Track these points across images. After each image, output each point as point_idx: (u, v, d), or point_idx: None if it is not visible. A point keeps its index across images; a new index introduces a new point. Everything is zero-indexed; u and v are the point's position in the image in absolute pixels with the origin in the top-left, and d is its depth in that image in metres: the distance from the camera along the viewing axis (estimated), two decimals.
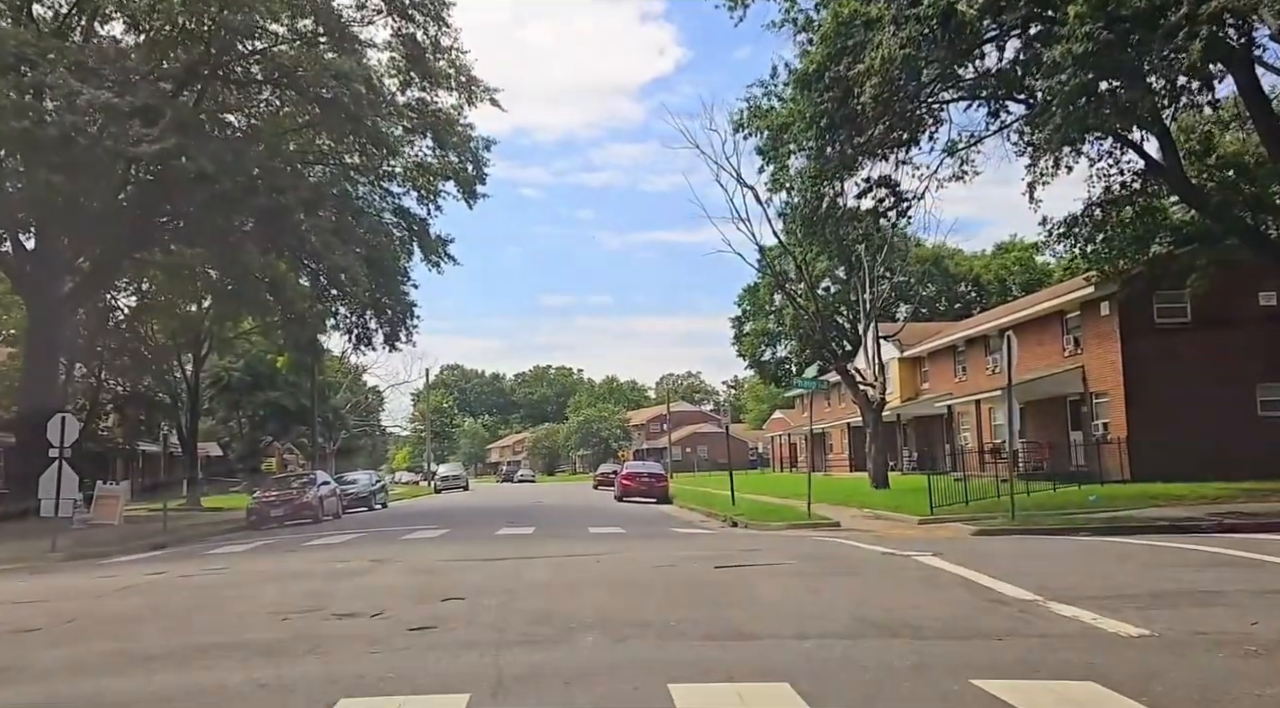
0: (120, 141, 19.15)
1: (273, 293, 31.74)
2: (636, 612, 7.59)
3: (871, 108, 16.63)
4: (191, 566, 13.32)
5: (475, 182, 32.06)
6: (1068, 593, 7.89)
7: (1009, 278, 78.67)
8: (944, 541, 15.98)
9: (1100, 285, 28.10)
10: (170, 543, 22.75)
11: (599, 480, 53.75)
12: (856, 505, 24.69)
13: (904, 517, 20.96)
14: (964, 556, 10.86)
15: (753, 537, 17.23)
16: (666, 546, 14.47)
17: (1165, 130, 22.76)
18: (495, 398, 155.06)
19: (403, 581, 10.47)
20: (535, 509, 30.78)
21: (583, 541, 15.84)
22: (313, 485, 29.35)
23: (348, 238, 26.10)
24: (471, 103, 29.76)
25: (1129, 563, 10.58)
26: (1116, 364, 28.91)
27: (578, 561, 11.89)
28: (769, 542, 14.99)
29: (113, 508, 27.92)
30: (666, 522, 23.79)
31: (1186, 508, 19.52)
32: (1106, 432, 29.39)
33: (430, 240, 32.41)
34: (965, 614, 7.35)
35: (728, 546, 14.06)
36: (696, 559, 11.32)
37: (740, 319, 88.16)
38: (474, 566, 11.73)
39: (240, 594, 9.89)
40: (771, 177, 22.47)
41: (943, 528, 18.72)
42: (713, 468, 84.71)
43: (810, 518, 20.79)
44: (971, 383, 38.50)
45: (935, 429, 43.38)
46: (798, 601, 8.10)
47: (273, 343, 41.76)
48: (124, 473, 48.34)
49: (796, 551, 12.41)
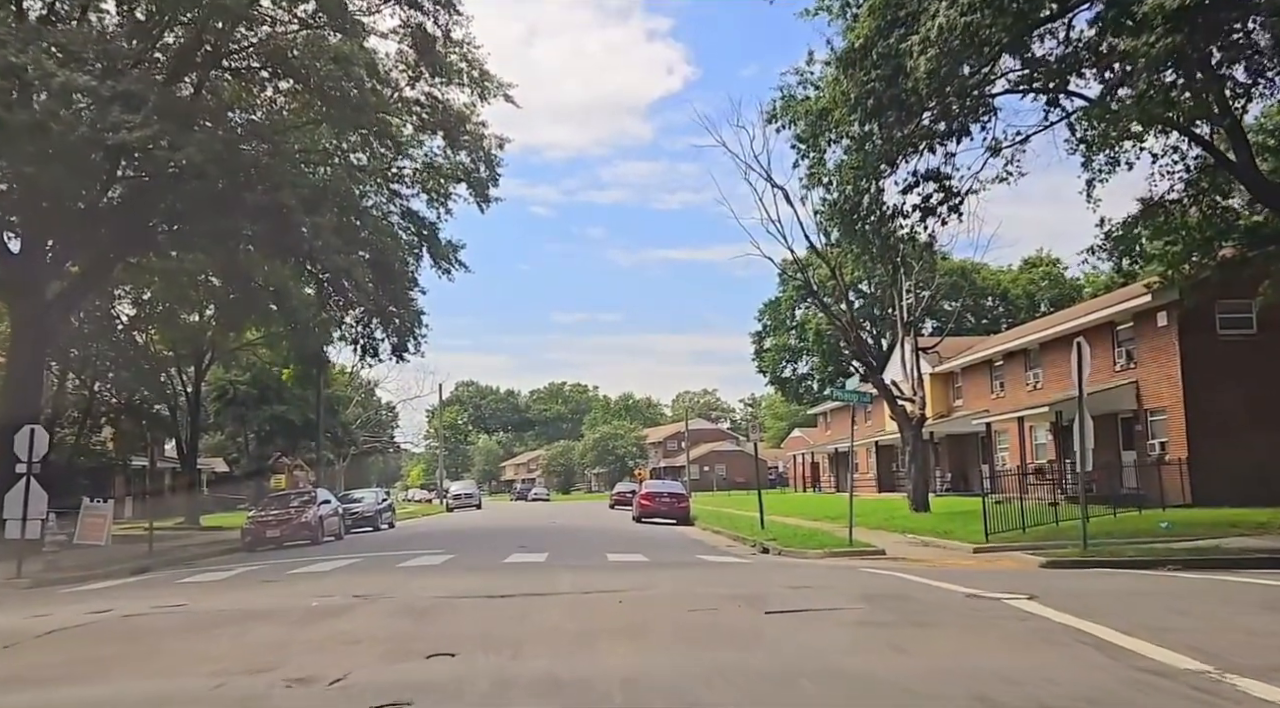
0: (99, 128, 17.50)
1: (277, 302, 30.16)
2: (674, 683, 5.72)
3: (926, 85, 14.80)
4: (147, 601, 11.51)
5: (488, 184, 30.39)
6: (1246, 662, 5.97)
7: (1037, 293, 76.53)
8: (1011, 574, 14.03)
9: (1158, 294, 26.08)
10: (154, 566, 21.05)
11: (616, 500, 51.78)
12: (898, 530, 22.71)
13: (955, 544, 18.99)
14: (1062, 598, 8.93)
15: (792, 568, 15.30)
16: (698, 579, 12.57)
17: (1237, 123, 20.82)
18: (510, 414, 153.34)
19: (385, 626, 8.63)
20: (549, 531, 28.90)
21: (601, 571, 13.96)
22: (313, 504, 27.58)
23: (351, 239, 24.39)
24: (484, 98, 28.09)
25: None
26: (1175, 379, 26.85)
27: (596, 600, 10.03)
28: (814, 575, 13.06)
29: (100, 527, 26.13)
30: (691, 547, 21.87)
31: (1275, 538, 17.50)
32: (1164, 452, 27.26)
33: (440, 245, 30.68)
34: (1120, 694, 5.44)
35: (769, 579, 12.15)
36: (739, 599, 9.44)
37: (760, 334, 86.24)
38: (474, 604, 9.89)
39: (183, 645, 8.07)
40: (808, 171, 20.65)
41: (1004, 558, 16.76)
42: (731, 487, 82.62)
43: (852, 545, 18.83)
44: (1010, 399, 36.42)
45: (969, 448, 41.28)
46: (886, 668, 6.19)
47: (278, 355, 40.13)
48: (125, 489, 46.77)
49: (854, 588, 10.50)
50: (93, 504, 26.88)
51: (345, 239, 23.93)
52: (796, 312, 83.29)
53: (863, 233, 20.32)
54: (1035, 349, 35.43)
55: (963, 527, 21.11)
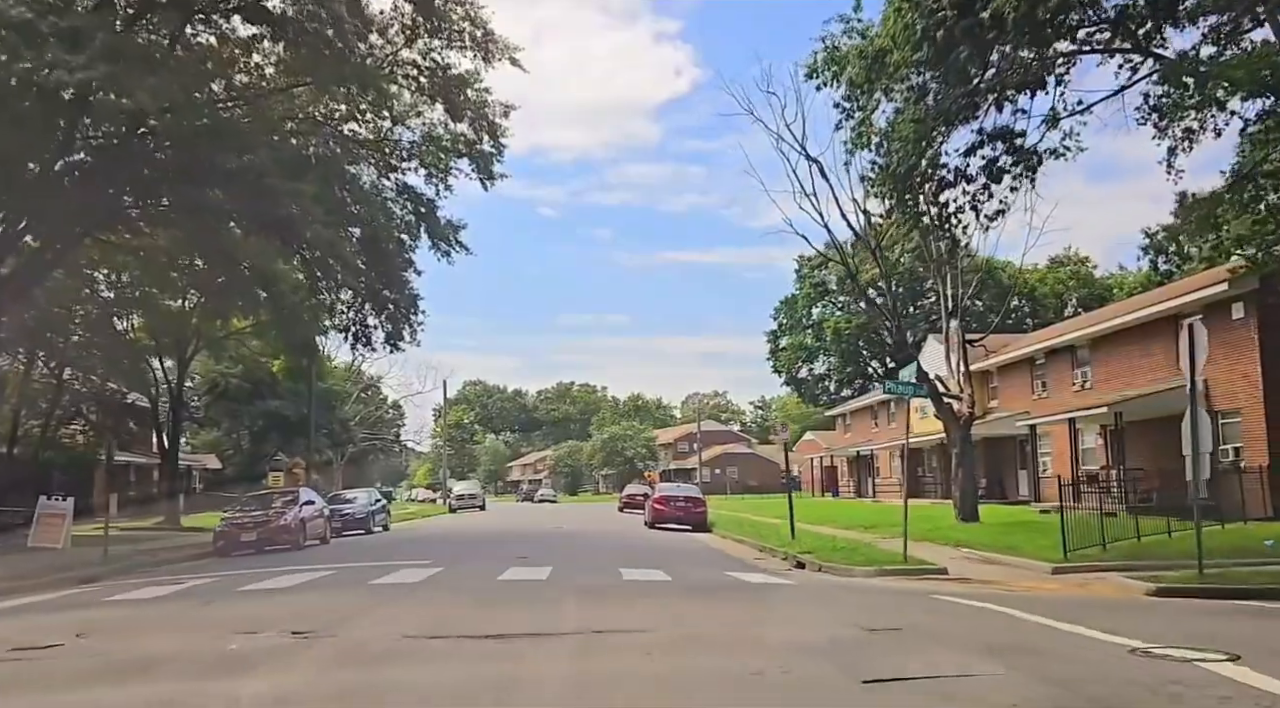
0: (32, 70, 14.93)
1: (263, 286, 27.60)
2: None
3: (1013, 6, 12.15)
4: (35, 631, 8.92)
5: (493, 158, 27.81)
6: None
7: (1065, 293, 73.64)
8: (1130, 606, 11.39)
9: (1236, 282, 23.34)
10: (105, 575, 18.49)
11: (625, 502, 49.08)
12: (948, 543, 20.02)
13: (1026, 562, 16.28)
14: (1271, 661, 6.28)
15: (850, 593, 12.61)
16: (743, 612, 9.92)
17: None
18: (517, 415, 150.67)
19: (312, 687, 6.03)
20: (554, 538, 26.26)
21: (616, 596, 11.31)
22: (294, 505, 24.98)
23: (337, 211, 21.79)
24: (488, 62, 25.51)
25: None
26: (1253, 377, 24.07)
27: (613, 646, 7.40)
28: (886, 607, 10.39)
29: (57, 529, 23.68)
30: (716, 560, 19.20)
31: None
32: (1239, 458, 24.47)
33: (439, 224, 28.12)
34: None
35: (836, 614, 9.48)
36: (812, 652, 6.79)
37: (776, 334, 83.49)
38: (446, 652, 7.28)
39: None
40: (853, 133, 17.97)
41: (1095, 582, 14.06)
42: (744, 491, 79.77)
43: (906, 562, 16.12)
44: (1056, 400, 33.64)
45: (1007, 452, 38.49)
46: None
47: (268, 345, 37.55)
48: (108, 487, 44.25)
49: (958, 632, 7.86)
50: (51, 502, 24.38)
51: (330, 210, 21.32)
52: (814, 310, 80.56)
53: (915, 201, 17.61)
54: (1084, 346, 32.67)
55: (1026, 541, 18.43)
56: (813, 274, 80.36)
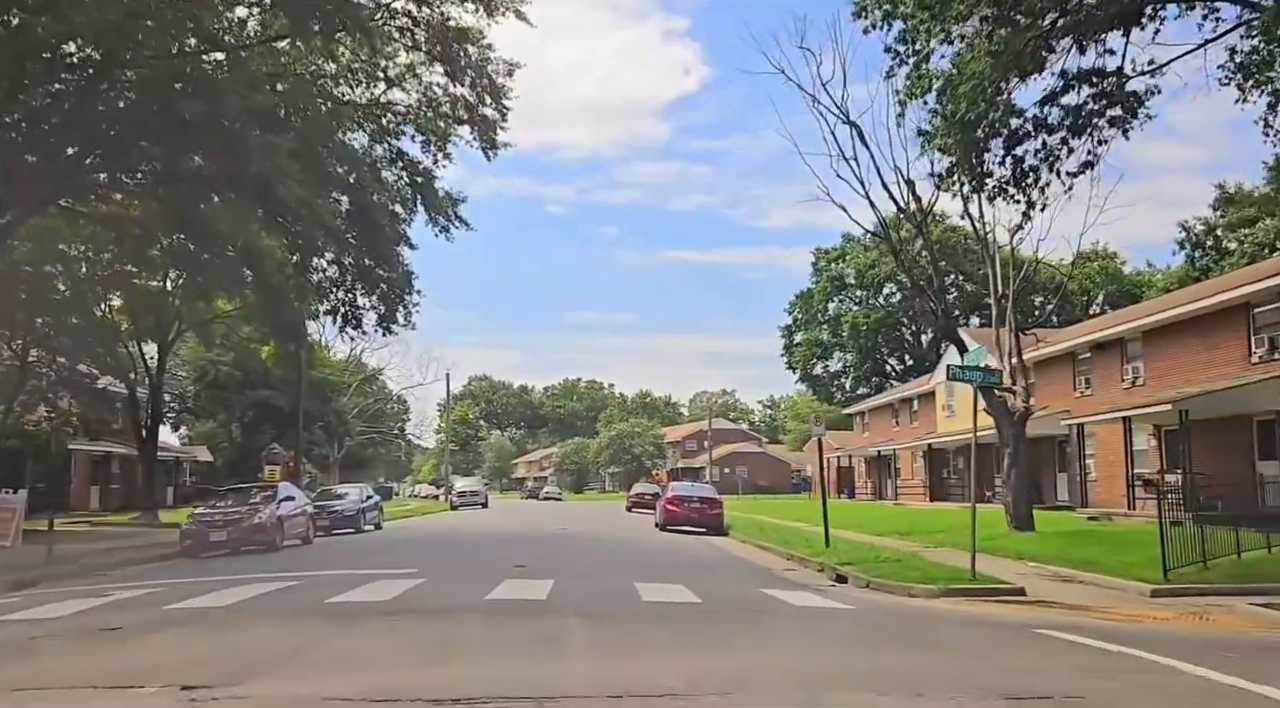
0: None
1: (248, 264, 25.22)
2: None
3: None
4: None
5: (496, 126, 25.34)
6: None
7: (1092, 288, 70.87)
8: None
9: None
10: (44, 579, 16.11)
11: (634, 501, 46.51)
12: (1008, 555, 17.40)
13: (1114, 581, 13.78)
14: None
15: (929, 623, 10.10)
16: (803, 653, 7.43)
17: None
18: (523, 411, 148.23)
19: None
20: (558, 542, 23.83)
21: (635, 627, 8.85)
22: (272, 502, 22.59)
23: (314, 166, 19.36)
24: (491, 14, 23.06)
25: None
26: None
27: None
28: (988, 644, 7.91)
29: (7, 525, 21.44)
30: (743, 572, 16.71)
31: None
32: None
33: (437, 195, 25.68)
34: None
35: (933, 659, 7.00)
36: None
37: (790, 329, 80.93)
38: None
39: None
40: (908, 80, 15.46)
41: (1214, 610, 11.53)
42: (754, 491, 77.26)
43: (975, 579, 13.59)
44: (1102, 398, 31.03)
45: (1044, 453, 35.81)
46: None
47: (256, 330, 35.14)
48: (90, 479, 42.04)
49: None
50: (1, 496, 22.13)
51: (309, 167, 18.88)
52: (830, 305, 77.96)
53: (980, 160, 15.07)
54: (1135, 339, 30.05)
55: (1106, 555, 15.92)
56: (829, 267, 77.78)
